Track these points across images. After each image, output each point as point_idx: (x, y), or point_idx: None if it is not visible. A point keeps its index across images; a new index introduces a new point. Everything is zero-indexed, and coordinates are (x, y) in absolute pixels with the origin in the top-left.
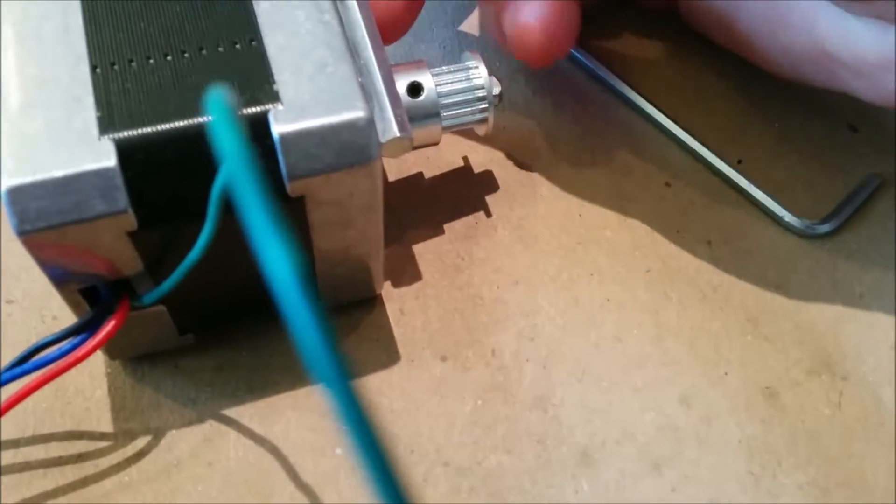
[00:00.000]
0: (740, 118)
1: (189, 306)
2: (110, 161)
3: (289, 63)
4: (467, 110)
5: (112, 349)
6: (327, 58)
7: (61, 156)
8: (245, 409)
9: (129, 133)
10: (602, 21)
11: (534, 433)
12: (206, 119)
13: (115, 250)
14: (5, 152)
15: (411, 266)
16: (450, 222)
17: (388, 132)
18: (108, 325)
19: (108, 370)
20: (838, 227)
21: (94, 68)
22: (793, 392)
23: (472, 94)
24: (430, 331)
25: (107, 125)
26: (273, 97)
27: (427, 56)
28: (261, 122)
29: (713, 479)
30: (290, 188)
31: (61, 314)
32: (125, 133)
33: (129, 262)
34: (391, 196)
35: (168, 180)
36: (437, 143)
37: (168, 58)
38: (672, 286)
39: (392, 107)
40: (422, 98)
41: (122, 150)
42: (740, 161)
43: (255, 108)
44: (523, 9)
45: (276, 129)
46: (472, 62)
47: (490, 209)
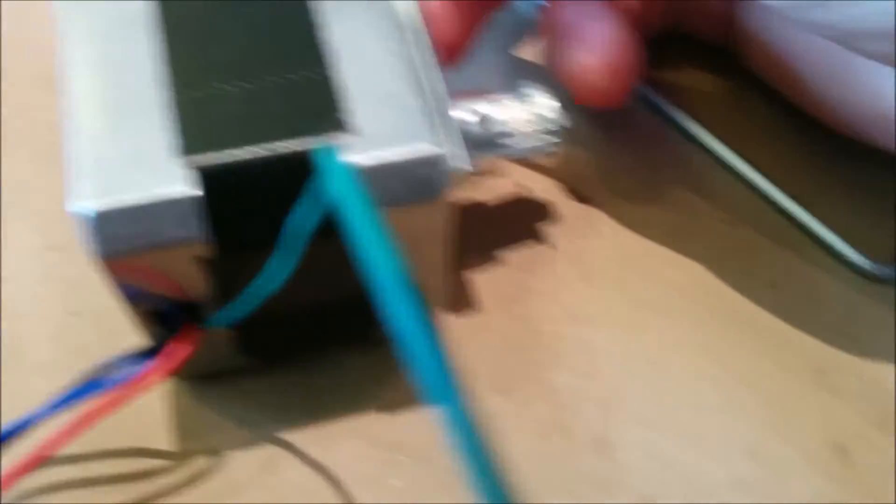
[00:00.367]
0: (805, 156)
1: (255, 331)
2: (188, 188)
3: (360, 94)
4: (529, 140)
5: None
6: (398, 89)
7: (141, 181)
8: (304, 435)
9: (207, 160)
10: (662, 52)
11: (595, 477)
12: (279, 146)
13: (188, 275)
14: (85, 175)
15: (467, 295)
16: (508, 252)
17: (448, 163)
18: (179, 350)
19: (172, 388)
20: None
21: (172, 92)
22: (864, 449)
23: (534, 125)
24: (486, 363)
25: (185, 151)
26: (345, 128)
27: (486, 80)
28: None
29: None
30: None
31: (124, 329)
32: (203, 160)
33: (200, 287)
34: None
35: (243, 209)
36: (495, 172)
37: (243, 83)
38: (737, 330)
39: (452, 136)
40: (485, 129)
41: (201, 176)
42: (804, 199)
43: (327, 139)
44: (584, 46)
45: (347, 161)
46: (536, 91)
47: (549, 241)
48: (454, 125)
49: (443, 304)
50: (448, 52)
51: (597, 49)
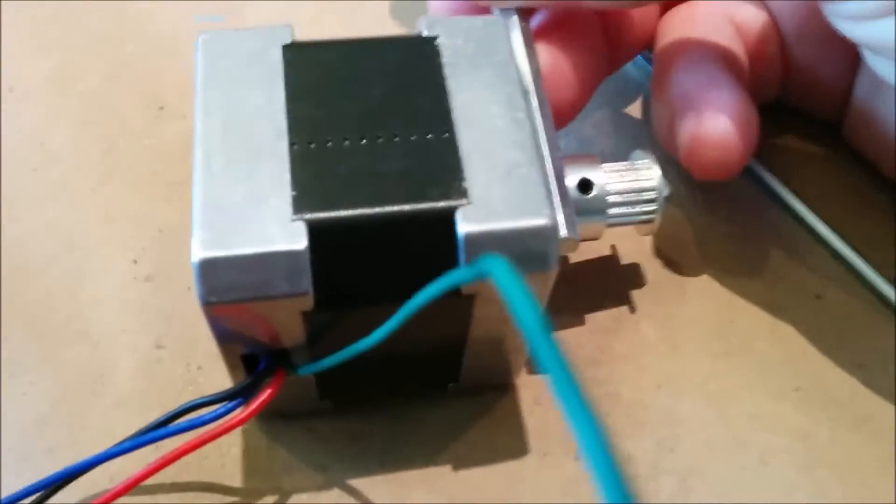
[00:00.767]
0: None
1: (337, 378)
2: (301, 244)
3: (480, 160)
4: (635, 210)
5: None
6: (518, 158)
7: (255, 232)
8: (375, 483)
9: (321, 216)
10: (767, 122)
11: None
12: (395, 208)
13: (286, 325)
14: (202, 220)
15: None
16: (592, 313)
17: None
18: (265, 394)
19: (246, 427)
20: None
21: (292, 144)
22: None
23: (641, 196)
24: (564, 425)
25: (300, 206)
26: (462, 194)
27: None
28: (447, 218)
29: None
30: (465, 288)
31: (207, 364)
32: (317, 216)
33: (295, 336)
34: None
35: (352, 267)
36: (598, 238)
37: (363, 141)
38: (823, 410)
39: (562, 204)
40: (591, 196)
41: (313, 233)
42: None
43: (443, 203)
44: (705, 121)
45: (462, 227)
46: (646, 161)
47: (635, 303)
48: (569, 196)
49: (523, 362)
50: (560, 115)
51: (720, 122)
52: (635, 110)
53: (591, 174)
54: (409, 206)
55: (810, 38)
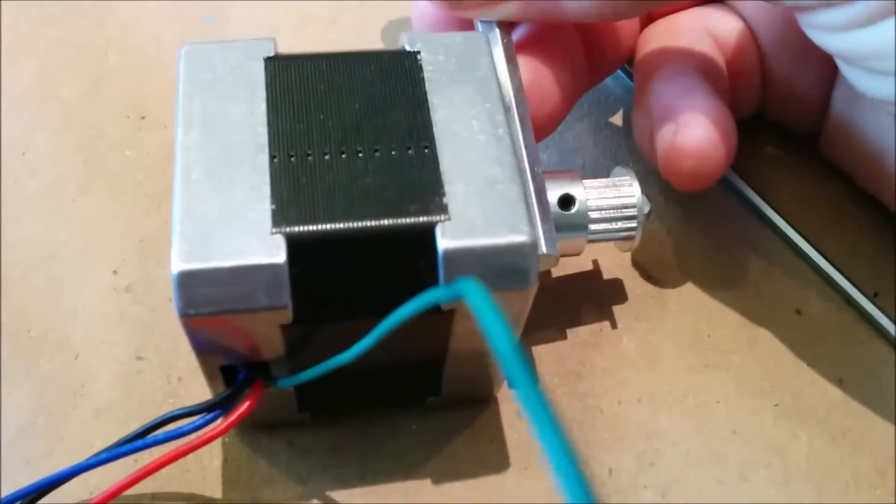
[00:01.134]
0: (879, 248)
1: (316, 391)
2: (279, 257)
3: (460, 176)
4: (615, 227)
5: None
6: (498, 175)
7: (234, 246)
8: (354, 495)
9: (300, 229)
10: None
11: None
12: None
13: (265, 338)
14: (181, 232)
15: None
16: (573, 326)
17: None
18: (243, 406)
19: (226, 440)
20: None
21: (272, 158)
22: None
23: (621, 212)
24: None
25: (279, 219)
26: (442, 209)
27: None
28: (427, 234)
29: None
30: (444, 304)
31: (187, 376)
32: (296, 229)
33: (274, 349)
34: None
35: (331, 281)
36: (579, 254)
37: (343, 155)
38: (801, 425)
39: (542, 221)
40: (572, 211)
41: (292, 246)
42: (876, 294)
43: (423, 218)
44: (683, 130)
45: (442, 243)
46: (626, 178)
47: (615, 317)
48: (549, 212)
49: (503, 379)
50: (541, 128)
51: (696, 131)
52: (615, 123)
53: (572, 190)
54: (389, 221)
55: (788, 50)
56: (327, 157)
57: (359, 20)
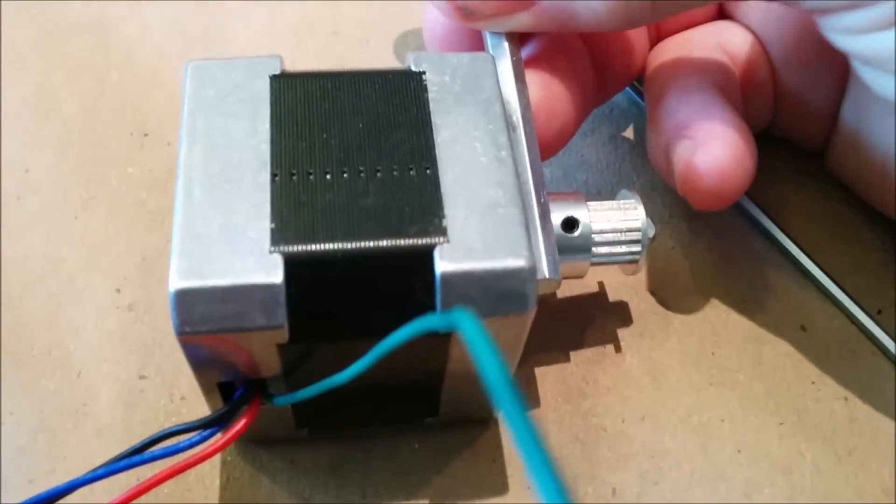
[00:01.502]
0: (883, 267)
1: (314, 408)
2: (277, 277)
3: (460, 198)
4: (619, 250)
5: None
6: (499, 198)
7: (232, 264)
8: None
9: (298, 249)
10: None
11: None
12: (373, 244)
13: (261, 357)
14: (180, 250)
15: (533, 387)
16: (577, 344)
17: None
18: (241, 423)
19: (228, 458)
20: None
21: (274, 176)
22: None
23: (626, 236)
24: None
25: (278, 238)
26: (441, 232)
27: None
28: (425, 256)
29: None
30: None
31: (190, 395)
32: (294, 248)
33: (271, 367)
34: None
35: (328, 301)
36: (582, 277)
37: (345, 175)
38: (806, 443)
39: (545, 244)
40: (575, 234)
41: (290, 266)
42: (880, 311)
43: (422, 240)
44: (701, 149)
45: (440, 266)
46: (631, 201)
47: (619, 335)
48: (552, 235)
49: None
50: (548, 146)
51: (714, 150)
52: (619, 137)
53: (577, 212)
54: (387, 243)
55: (799, 64)
56: (329, 176)
57: (361, 33)
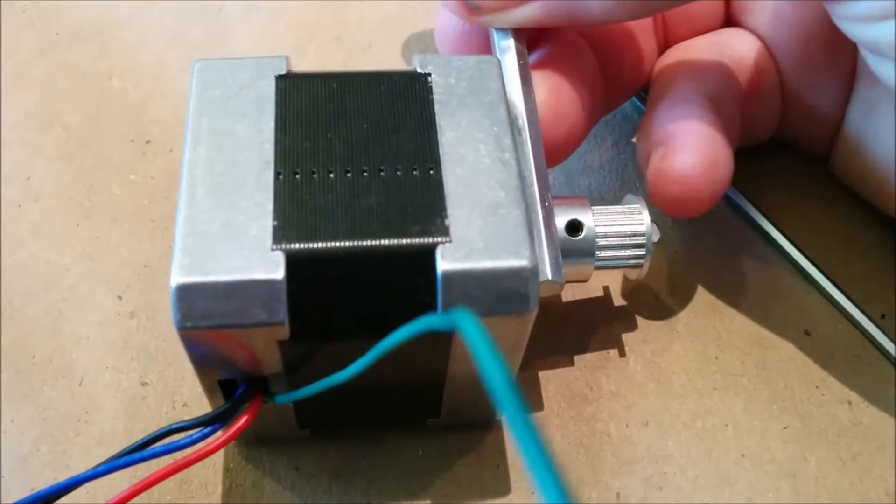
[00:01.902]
0: (887, 272)
1: (315, 408)
2: (278, 273)
3: (463, 198)
4: (623, 254)
5: None
6: (502, 199)
7: (233, 261)
8: None
9: (300, 247)
10: (751, 157)
11: None
12: (375, 242)
13: (262, 354)
14: (182, 246)
15: (536, 392)
16: (581, 349)
17: (540, 273)
18: (241, 421)
19: (231, 465)
20: None
21: (277, 175)
22: None
23: (630, 240)
24: None
25: (280, 236)
26: (443, 231)
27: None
28: (427, 255)
29: None
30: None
31: (192, 401)
32: (296, 246)
33: (271, 364)
34: None
35: (329, 299)
36: (586, 280)
37: (348, 174)
38: (810, 448)
39: (548, 247)
40: (580, 238)
41: (291, 263)
42: (884, 316)
43: (424, 240)
44: (669, 157)
45: (442, 265)
46: (636, 206)
47: (623, 340)
48: (556, 237)
49: None
50: (555, 152)
51: (683, 159)
52: (623, 143)
53: (581, 216)
54: (389, 241)
55: (806, 68)
56: (332, 175)
57: (363, 39)
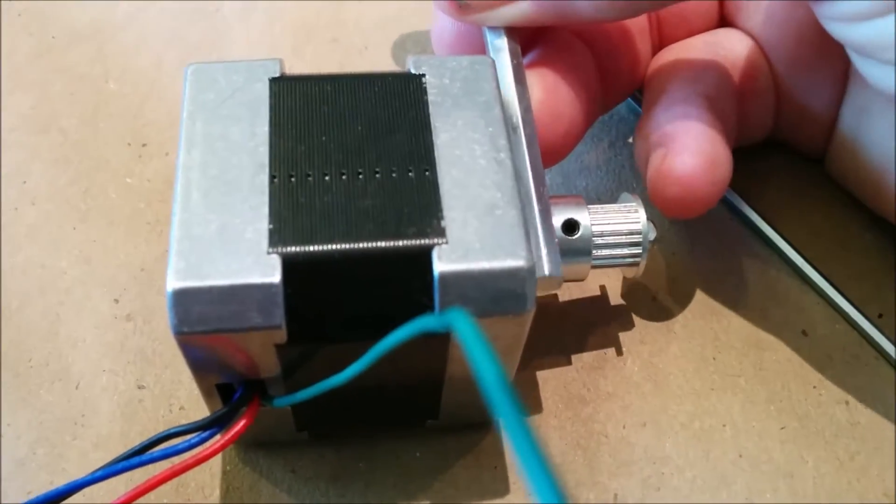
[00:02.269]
0: (883, 272)
1: (313, 411)
2: (275, 277)
3: (459, 199)
4: (620, 252)
5: None
6: (497, 200)
7: (229, 265)
8: None
9: (296, 250)
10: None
11: None
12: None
13: (260, 357)
14: (177, 251)
15: (534, 392)
16: (578, 350)
17: (538, 269)
18: (239, 424)
19: (228, 468)
20: None
21: (272, 178)
22: None
23: (627, 238)
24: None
25: (276, 239)
26: (439, 233)
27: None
28: (423, 256)
29: None
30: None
31: (189, 405)
32: (292, 249)
33: (269, 368)
34: None
35: (326, 301)
36: (583, 279)
37: (343, 176)
38: (808, 448)
39: (546, 243)
40: (576, 237)
41: (287, 266)
42: (881, 316)
43: (420, 242)
44: (669, 158)
45: (438, 266)
46: (632, 204)
47: (620, 341)
48: (553, 233)
49: None
50: (552, 152)
51: (683, 159)
52: (619, 144)
53: (577, 215)
54: (386, 243)
55: (800, 69)
56: (327, 178)
57: (359, 40)
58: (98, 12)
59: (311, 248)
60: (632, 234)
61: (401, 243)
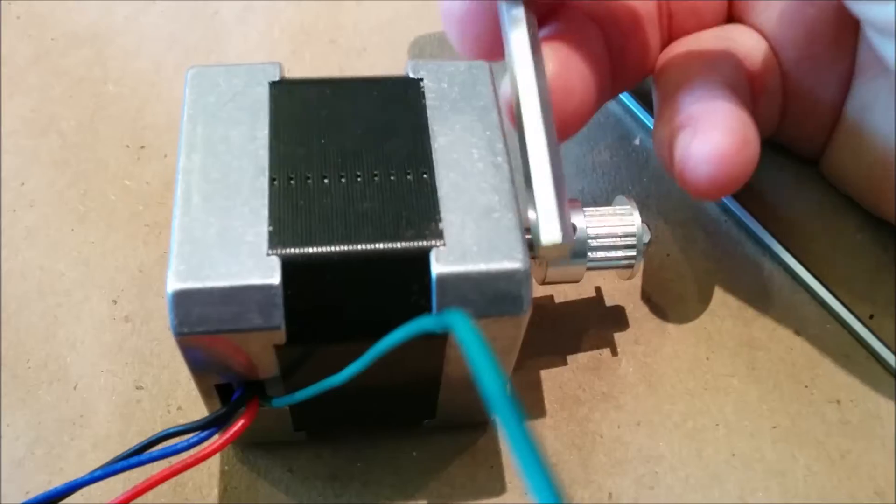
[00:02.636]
0: (875, 273)
1: (311, 411)
2: (274, 278)
3: (457, 203)
4: (615, 255)
5: None
6: (495, 203)
7: (229, 267)
8: None
9: (296, 252)
10: None
11: None
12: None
13: (259, 358)
14: (178, 252)
15: (530, 393)
16: (573, 350)
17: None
18: (238, 425)
19: (226, 468)
20: None
21: (272, 181)
22: None
23: (622, 241)
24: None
25: (276, 241)
26: (437, 235)
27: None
28: (421, 258)
29: None
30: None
31: (187, 405)
32: (291, 251)
33: (268, 368)
34: None
35: (325, 303)
36: (578, 281)
37: (342, 179)
38: (799, 447)
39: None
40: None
41: (287, 268)
42: (872, 317)
43: (418, 244)
44: (700, 136)
45: (436, 268)
46: (627, 207)
47: (615, 341)
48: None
49: None
50: (565, 125)
51: (714, 137)
52: (615, 147)
53: (573, 218)
54: (384, 245)
55: (808, 63)
56: (326, 181)
57: (358, 42)
58: (97, 15)
59: (311, 250)
60: (627, 236)
61: (399, 245)
